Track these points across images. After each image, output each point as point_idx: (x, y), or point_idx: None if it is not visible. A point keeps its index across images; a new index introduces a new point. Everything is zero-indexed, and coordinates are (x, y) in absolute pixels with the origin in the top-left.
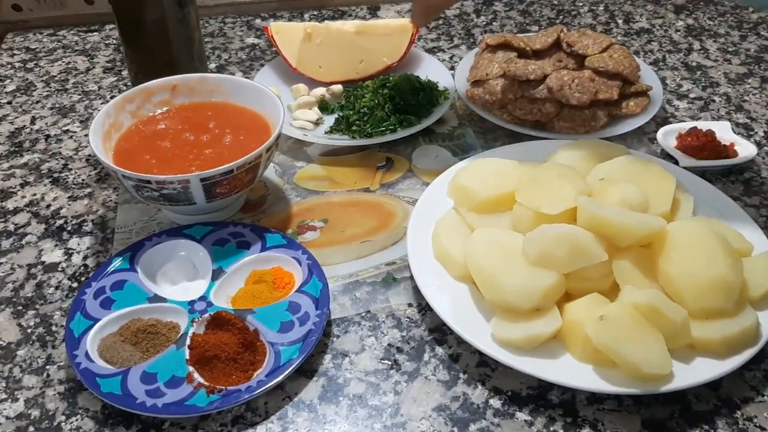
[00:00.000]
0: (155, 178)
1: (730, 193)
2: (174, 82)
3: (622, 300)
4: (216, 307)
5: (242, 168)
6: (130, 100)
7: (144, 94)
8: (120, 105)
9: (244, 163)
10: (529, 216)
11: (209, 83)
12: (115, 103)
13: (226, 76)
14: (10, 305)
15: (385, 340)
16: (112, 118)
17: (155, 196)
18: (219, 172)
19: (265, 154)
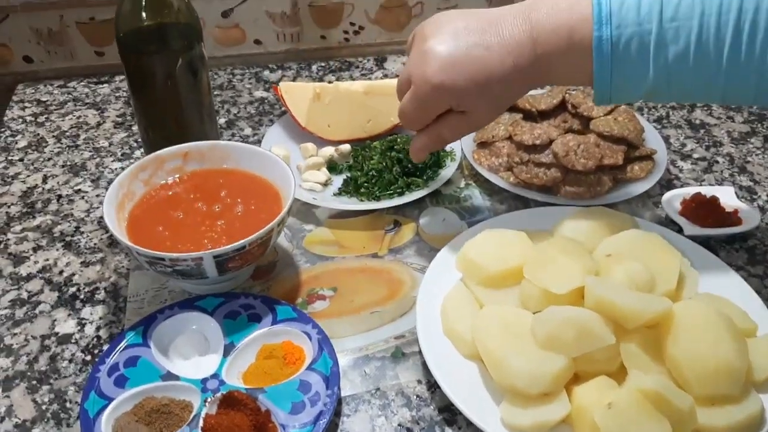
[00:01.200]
0: (169, 256)
1: (734, 261)
2: (185, 149)
3: (629, 386)
4: (228, 385)
5: (254, 243)
6: (143, 168)
7: (156, 163)
8: (133, 174)
9: (257, 239)
10: (538, 294)
11: (219, 150)
12: (129, 172)
13: (235, 144)
14: (25, 380)
15: (395, 420)
16: (126, 188)
17: (168, 271)
18: (231, 249)
19: (276, 228)
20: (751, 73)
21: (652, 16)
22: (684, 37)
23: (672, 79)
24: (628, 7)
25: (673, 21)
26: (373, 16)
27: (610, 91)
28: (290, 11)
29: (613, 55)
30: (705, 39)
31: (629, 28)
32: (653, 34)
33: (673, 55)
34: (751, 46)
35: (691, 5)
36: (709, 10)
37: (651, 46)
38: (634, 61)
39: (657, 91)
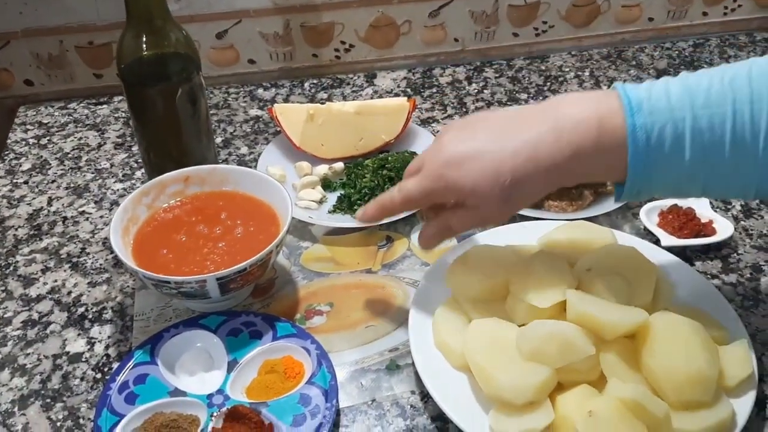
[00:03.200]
0: (174, 279)
1: (709, 270)
2: (186, 173)
3: (608, 395)
4: (233, 400)
5: (255, 265)
6: (145, 193)
7: (159, 187)
8: (137, 199)
9: (257, 261)
10: (523, 308)
11: (219, 173)
12: (132, 198)
13: (234, 168)
14: (39, 398)
15: (390, 429)
16: (130, 213)
17: (173, 292)
18: (233, 271)
19: (275, 249)
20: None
21: (683, 103)
22: (719, 124)
23: (708, 170)
24: (658, 96)
25: (706, 108)
26: (363, 35)
27: (643, 182)
28: (282, 31)
29: (648, 144)
30: (740, 126)
31: (662, 115)
32: (687, 121)
33: (709, 142)
34: None
35: (722, 92)
36: (741, 98)
37: (687, 134)
38: (670, 150)
39: (691, 183)
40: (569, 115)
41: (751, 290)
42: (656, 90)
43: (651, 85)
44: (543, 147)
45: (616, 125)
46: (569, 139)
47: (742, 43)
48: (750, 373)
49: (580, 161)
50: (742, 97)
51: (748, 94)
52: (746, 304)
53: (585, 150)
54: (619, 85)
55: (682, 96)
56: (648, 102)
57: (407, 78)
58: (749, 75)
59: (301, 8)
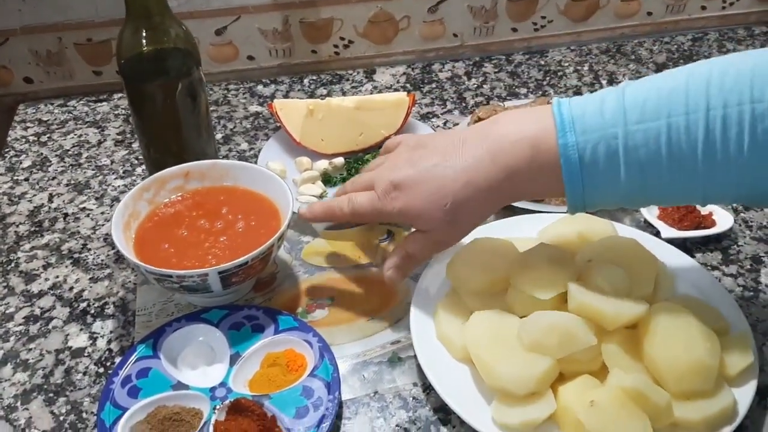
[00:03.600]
0: (176, 273)
1: (710, 262)
2: (186, 169)
3: (610, 384)
4: (235, 393)
5: (256, 258)
6: (146, 189)
7: (159, 183)
8: (137, 195)
9: (258, 255)
10: (524, 299)
11: (219, 169)
12: (133, 194)
13: (234, 162)
14: (42, 392)
15: (393, 422)
16: (131, 208)
17: (175, 287)
18: (235, 264)
19: (276, 243)
20: (729, 172)
21: (617, 119)
22: (653, 138)
23: (648, 184)
24: (592, 114)
25: (640, 123)
26: (362, 30)
27: (583, 199)
28: (281, 27)
29: (582, 163)
30: (676, 140)
31: (595, 134)
32: (620, 138)
33: (645, 158)
34: (725, 143)
35: (656, 107)
36: (677, 110)
37: (620, 151)
38: (605, 167)
39: (633, 197)
40: (505, 137)
41: (751, 281)
42: (591, 106)
43: (588, 101)
44: (480, 170)
45: (549, 145)
46: (505, 162)
47: (740, 36)
48: (751, 362)
49: (516, 182)
50: (677, 109)
51: (684, 105)
52: (746, 295)
53: (520, 171)
54: (556, 101)
55: (616, 112)
56: (581, 120)
57: (406, 73)
58: (687, 84)
59: (300, 4)
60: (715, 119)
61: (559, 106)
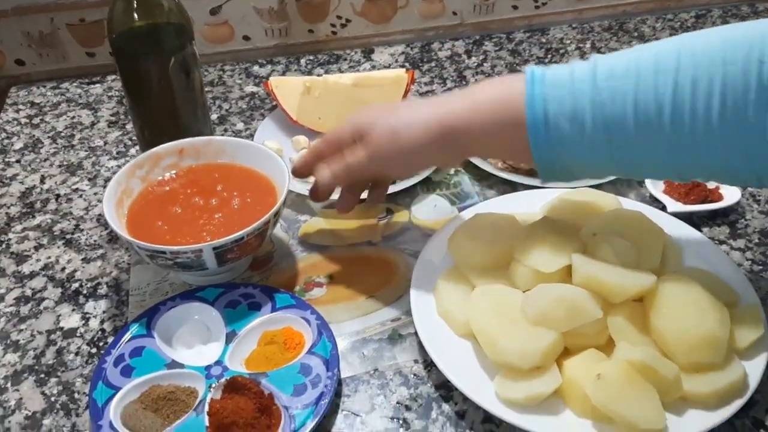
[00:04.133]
0: (170, 249)
1: (717, 236)
2: (181, 146)
3: (617, 357)
4: (231, 371)
5: (252, 234)
6: (139, 166)
7: (153, 159)
8: (130, 172)
9: (254, 230)
10: (527, 273)
11: (215, 145)
12: (125, 171)
13: (230, 139)
14: (33, 373)
15: (393, 399)
16: (123, 185)
17: (169, 264)
18: (230, 240)
19: (272, 219)
20: (698, 143)
21: (585, 77)
22: (620, 96)
23: (614, 143)
24: (562, 73)
25: (608, 81)
26: (359, 9)
27: (549, 157)
28: (278, 6)
29: (546, 115)
30: (642, 99)
31: (562, 88)
32: (587, 93)
33: (611, 115)
34: (693, 107)
35: (625, 68)
36: (645, 70)
37: (587, 106)
38: (571, 123)
39: (601, 161)
40: (479, 86)
41: (759, 255)
42: (563, 68)
43: (560, 66)
44: (446, 102)
45: (517, 96)
46: (472, 98)
47: (744, 13)
48: (761, 334)
49: (477, 123)
50: (647, 69)
51: (654, 63)
52: (755, 269)
53: (483, 109)
54: (530, 66)
55: (585, 72)
56: (552, 76)
57: (405, 53)
58: (658, 48)
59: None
60: (684, 80)
61: (531, 68)
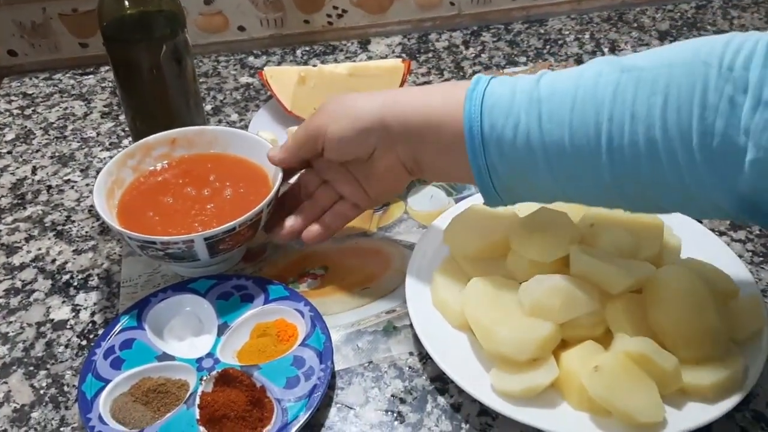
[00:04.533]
0: (160, 239)
1: (717, 227)
2: (173, 135)
3: (615, 349)
4: (223, 363)
5: (244, 225)
6: (131, 155)
7: (144, 149)
8: (121, 161)
9: (246, 221)
10: (524, 263)
11: (207, 135)
12: (117, 160)
13: (223, 128)
14: (22, 366)
15: (388, 391)
16: (114, 176)
17: (160, 255)
18: (222, 230)
19: (266, 209)
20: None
21: (525, 92)
22: (557, 119)
23: (556, 172)
24: (504, 86)
25: (549, 101)
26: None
27: (485, 160)
28: None
29: (483, 133)
30: (580, 120)
31: (503, 105)
32: (527, 115)
33: (549, 140)
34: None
35: (567, 84)
36: (585, 87)
37: (525, 126)
38: (509, 143)
39: (545, 186)
40: (429, 94)
41: (760, 246)
42: (506, 80)
43: (505, 79)
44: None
45: (460, 89)
46: (426, 97)
47: (744, 4)
48: (762, 326)
49: (414, 123)
50: (586, 84)
51: (593, 82)
52: (756, 260)
53: (434, 105)
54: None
55: (526, 86)
56: (493, 88)
57: (402, 44)
58: (599, 69)
59: None
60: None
61: (478, 77)
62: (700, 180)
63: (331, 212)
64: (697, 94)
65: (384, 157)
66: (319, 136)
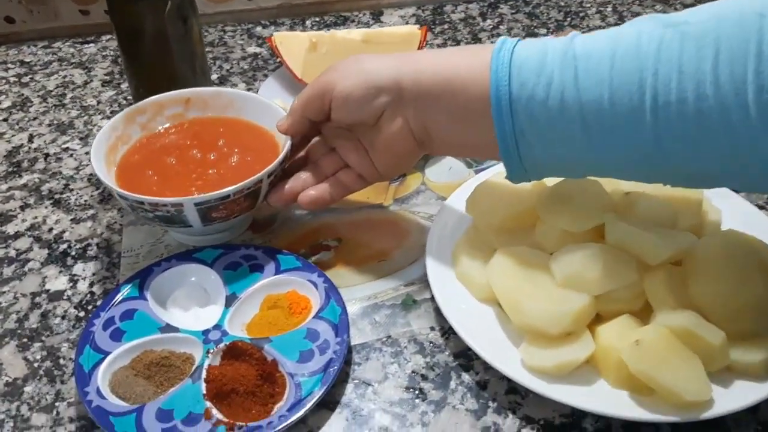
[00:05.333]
0: (149, 200)
1: (755, 201)
2: (188, 95)
3: (656, 323)
4: (231, 336)
5: (240, 193)
6: (141, 112)
7: (156, 107)
8: (130, 116)
9: (243, 189)
10: (554, 234)
11: (223, 98)
12: (125, 115)
13: (240, 92)
14: (15, 338)
15: (408, 367)
16: (120, 131)
17: (150, 216)
18: (214, 197)
19: (266, 180)
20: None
21: (557, 52)
22: (595, 79)
23: (593, 139)
24: (534, 46)
25: (586, 60)
26: None
27: (515, 148)
28: None
29: (511, 98)
30: (622, 53)
31: (533, 66)
32: (560, 76)
33: (587, 103)
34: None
35: (604, 42)
36: (627, 44)
37: (560, 88)
38: (541, 109)
39: (578, 157)
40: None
41: None
42: (535, 41)
43: (534, 40)
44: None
45: (486, 50)
46: (448, 57)
47: None
48: None
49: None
50: (628, 42)
51: (635, 39)
52: None
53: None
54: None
55: (558, 48)
56: (522, 49)
57: (416, 15)
58: (640, 27)
59: None
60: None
61: (503, 39)
62: (754, 141)
63: (334, 179)
64: (752, 46)
65: (392, 122)
66: (326, 92)
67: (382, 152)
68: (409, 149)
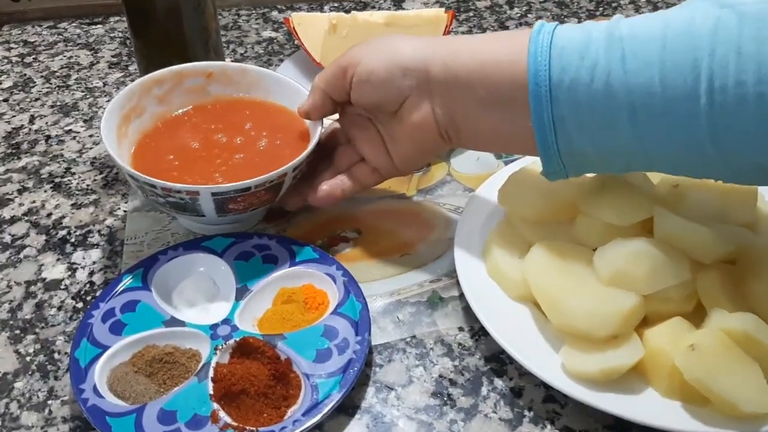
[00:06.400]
0: (162, 184)
1: None
2: (210, 68)
3: (711, 326)
4: (242, 332)
5: (262, 186)
6: (159, 82)
7: (176, 78)
8: (146, 86)
9: (265, 182)
10: (597, 228)
11: (249, 76)
12: (142, 84)
13: (268, 71)
14: (7, 329)
15: (435, 371)
16: (134, 101)
17: (161, 202)
18: (234, 188)
19: (291, 173)
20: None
21: (602, 35)
22: (644, 62)
23: (640, 126)
24: (575, 31)
25: (631, 41)
26: None
27: (554, 138)
28: None
29: (551, 83)
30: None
31: (575, 50)
32: (605, 59)
33: (635, 87)
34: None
35: (652, 25)
36: (677, 29)
37: (604, 72)
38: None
39: (623, 147)
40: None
41: None
42: (575, 26)
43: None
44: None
45: (523, 34)
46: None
47: None
48: None
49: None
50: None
51: (686, 22)
52: None
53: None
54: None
55: (602, 30)
56: (563, 33)
57: (440, 1)
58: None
59: None
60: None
61: (541, 23)
62: None
63: (348, 173)
64: None
65: (416, 110)
66: (349, 68)
67: (402, 144)
68: (431, 142)
